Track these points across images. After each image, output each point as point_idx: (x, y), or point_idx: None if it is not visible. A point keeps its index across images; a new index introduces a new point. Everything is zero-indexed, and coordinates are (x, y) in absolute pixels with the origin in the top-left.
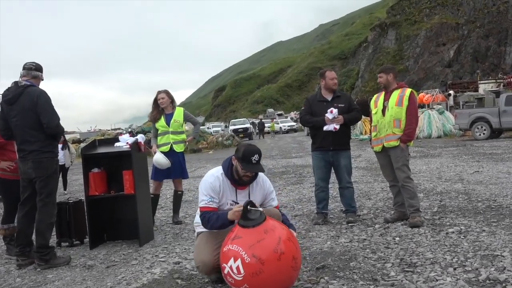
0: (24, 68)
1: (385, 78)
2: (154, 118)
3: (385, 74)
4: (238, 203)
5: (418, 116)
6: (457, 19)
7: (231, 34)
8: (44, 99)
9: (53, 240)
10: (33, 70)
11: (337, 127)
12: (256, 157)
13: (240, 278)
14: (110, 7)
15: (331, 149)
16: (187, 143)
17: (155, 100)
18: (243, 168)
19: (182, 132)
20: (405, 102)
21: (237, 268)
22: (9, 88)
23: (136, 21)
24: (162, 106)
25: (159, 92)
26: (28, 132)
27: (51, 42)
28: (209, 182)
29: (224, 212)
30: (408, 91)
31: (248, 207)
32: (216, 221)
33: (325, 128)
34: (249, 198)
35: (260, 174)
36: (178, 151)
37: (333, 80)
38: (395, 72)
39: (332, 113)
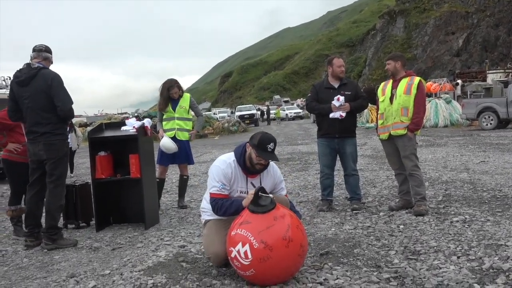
0: (34, 50)
1: (393, 65)
2: (164, 108)
3: (393, 61)
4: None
5: (426, 105)
6: (466, 8)
7: (238, 20)
8: (58, 81)
9: (59, 222)
10: (44, 52)
11: (343, 114)
12: (271, 145)
13: (248, 263)
14: None
15: (337, 136)
16: (191, 136)
17: (166, 91)
18: (258, 156)
19: (188, 119)
20: (414, 91)
21: (245, 253)
22: (21, 69)
23: (142, 6)
24: (174, 97)
25: (171, 86)
26: (41, 114)
27: (56, 26)
28: (221, 168)
29: (238, 199)
30: (416, 79)
31: (259, 193)
32: (229, 207)
33: (331, 115)
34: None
35: (271, 163)
36: (182, 139)
37: (340, 68)
38: (404, 60)
39: (339, 100)
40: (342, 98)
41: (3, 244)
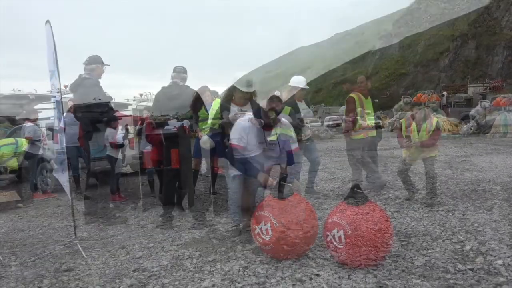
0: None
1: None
2: (196, 109)
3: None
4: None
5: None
6: (452, 32)
7: (262, 39)
8: (97, 87)
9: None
10: (87, 64)
11: None
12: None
13: (268, 239)
14: (169, 19)
15: None
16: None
17: (199, 97)
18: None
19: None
20: None
21: (267, 230)
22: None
23: (186, 26)
24: (206, 103)
25: (203, 91)
26: None
27: (116, 43)
28: (241, 124)
29: (257, 168)
30: None
31: (281, 182)
32: (247, 165)
33: None
34: (276, 135)
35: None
36: (213, 132)
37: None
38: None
39: None
40: None
41: (69, 220)
